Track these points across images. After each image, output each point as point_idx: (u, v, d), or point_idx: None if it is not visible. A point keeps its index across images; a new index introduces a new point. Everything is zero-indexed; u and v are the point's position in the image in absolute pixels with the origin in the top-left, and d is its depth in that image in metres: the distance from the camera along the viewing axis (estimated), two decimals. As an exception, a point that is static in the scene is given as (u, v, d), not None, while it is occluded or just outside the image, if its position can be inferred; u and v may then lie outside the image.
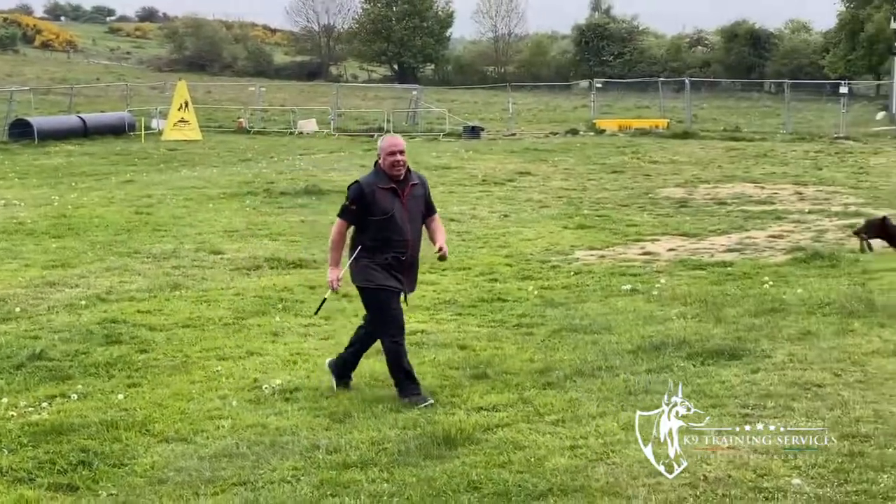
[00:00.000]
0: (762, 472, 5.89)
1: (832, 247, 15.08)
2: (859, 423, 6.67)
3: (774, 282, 12.41)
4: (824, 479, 5.74)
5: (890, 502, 5.35)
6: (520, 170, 26.92)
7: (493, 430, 7.06)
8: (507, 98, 48.11)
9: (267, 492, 6.09)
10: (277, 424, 7.38)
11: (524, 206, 20.63)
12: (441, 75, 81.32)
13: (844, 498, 5.46)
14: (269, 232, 17.06)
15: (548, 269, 14.02)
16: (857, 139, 36.46)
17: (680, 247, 15.92)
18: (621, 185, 24.40)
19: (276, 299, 11.92)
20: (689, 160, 29.72)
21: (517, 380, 8.35)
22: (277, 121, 46.05)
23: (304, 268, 13.98)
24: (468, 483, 5.99)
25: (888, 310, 10.21)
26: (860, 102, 56.48)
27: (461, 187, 23.69)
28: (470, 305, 11.73)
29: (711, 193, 22.43)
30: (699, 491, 5.67)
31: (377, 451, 6.70)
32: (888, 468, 5.77)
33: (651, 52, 77.65)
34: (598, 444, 6.60)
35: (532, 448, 6.61)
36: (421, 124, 44.21)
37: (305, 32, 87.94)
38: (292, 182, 23.16)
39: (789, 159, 29.71)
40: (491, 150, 32.76)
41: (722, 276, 13.24)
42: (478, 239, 16.65)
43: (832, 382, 7.77)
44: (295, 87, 65.63)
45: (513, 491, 5.84)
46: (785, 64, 70.33)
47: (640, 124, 41.76)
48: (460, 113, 48.41)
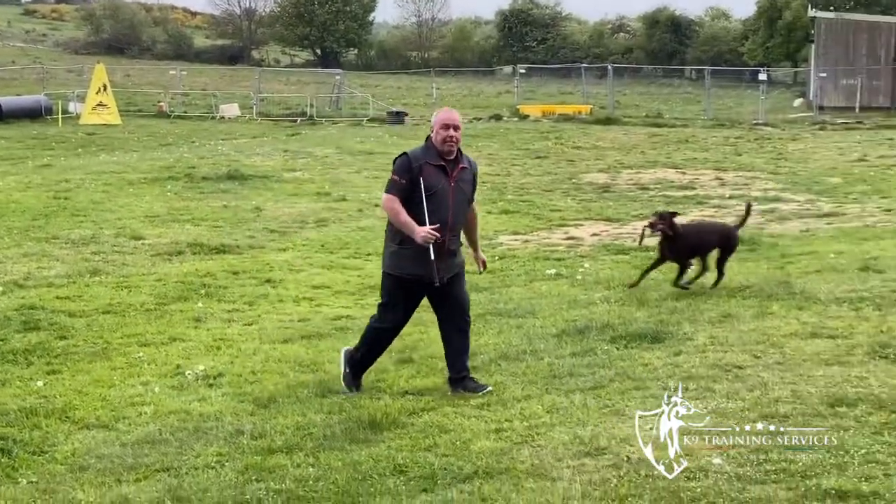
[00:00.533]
0: (683, 451, 5.95)
1: (752, 231, 15.28)
2: (778, 404, 6.77)
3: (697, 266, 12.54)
4: (744, 458, 5.81)
5: (808, 480, 5.44)
6: (444, 155, 26.85)
7: (419, 414, 7.07)
8: (431, 83, 48.16)
9: (191, 478, 6.02)
10: (201, 410, 7.31)
11: (448, 192, 20.60)
12: (364, 60, 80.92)
13: (764, 477, 5.53)
14: (191, 217, 16.88)
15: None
16: (775, 125, 37.04)
17: (603, 231, 16.05)
18: (545, 170, 24.54)
19: (199, 285, 11.80)
20: (612, 146, 29.96)
21: (442, 364, 8.33)
22: (199, 105, 45.54)
23: (227, 253, 13.86)
24: (394, 467, 5.99)
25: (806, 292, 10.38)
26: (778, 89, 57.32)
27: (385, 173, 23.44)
28: (395, 290, 11.68)
29: (634, 179, 22.65)
30: (622, 472, 5.71)
31: (303, 435, 6.67)
32: (806, 447, 5.87)
33: (574, 39, 77.99)
34: (523, 426, 6.63)
35: (457, 431, 6.62)
36: (344, 109, 44.04)
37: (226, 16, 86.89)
38: (214, 167, 22.93)
39: (710, 145, 30.10)
40: (415, 135, 32.66)
41: (645, 260, 13.33)
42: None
43: (752, 364, 7.88)
44: (216, 71, 64.91)
45: (438, 474, 5.85)
46: (705, 51, 71.10)
47: (564, 110, 41.97)
48: (384, 98, 48.29)
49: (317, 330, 9.72)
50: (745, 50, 67.60)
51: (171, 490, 5.84)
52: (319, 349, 9.02)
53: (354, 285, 11.91)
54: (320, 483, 5.83)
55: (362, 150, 27.82)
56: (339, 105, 45.02)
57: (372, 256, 13.77)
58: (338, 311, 10.60)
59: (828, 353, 8.04)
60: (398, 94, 54.32)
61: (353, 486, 5.75)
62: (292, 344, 9.21)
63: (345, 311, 10.54)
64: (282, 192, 20.12)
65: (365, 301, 11.17)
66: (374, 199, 19.15)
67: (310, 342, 9.28)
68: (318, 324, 9.99)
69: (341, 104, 45.16)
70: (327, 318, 10.23)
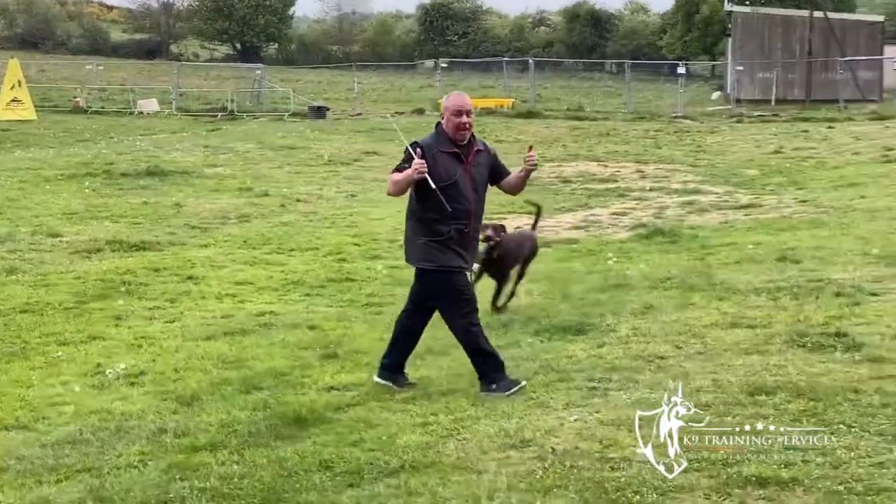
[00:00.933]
0: (608, 442, 6.02)
1: (673, 223, 15.48)
2: (700, 393, 6.88)
3: (618, 258, 12.69)
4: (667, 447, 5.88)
5: (729, 468, 5.53)
6: (366, 150, 26.86)
7: (345, 409, 7.04)
8: (353, 78, 47.91)
9: (113, 478, 5.94)
10: (123, 409, 7.20)
11: (371, 186, 20.59)
12: (285, 55, 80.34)
13: (687, 465, 5.61)
14: (109, 214, 16.62)
15: (396, 248, 14.00)
16: (694, 118, 37.51)
17: (526, 225, 16.08)
18: (467, 164, 24.56)
19: (119, 282, 11.62)
20: (534, 139, 30.03)
21: (367, 359, 8.34)
22: (116, 100, 44.85)
23: (147, 250, 13.66)
24: (320, 462, 5.96)
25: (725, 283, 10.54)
26: (697, 82, 58.12)
27: (308, 167, 23.52)
28: (319, 286, 11.65)
29: (556, 172, 22.80)
30: (548, 463, 5.76)
31: (227, 433, 6.61)
32: (727, 435, 5.96)
33: (495, 32, 78.24)
34: (449, 420, 6.65)
35: (384, 426, 6.62)
36: (265, 104, 43.71)
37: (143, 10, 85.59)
38: (133, 163, 22.60)
39: (630, 138, 30.40)
40: (337, 130, 32.60)
41: (567, 253, 13.48)
42: (325, 219, 16.56)
43: (674, 354, 7.99)
44: (134, 66, 64.01)
45: (365, 469, 5.84)
46: (625, 45, 71.82)
47: (486, 104, 42.05)
48: (305, 93, 48.01)
49: (240, 326, 9.63)
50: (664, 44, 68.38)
51: (93, 490, 5.76)
52: (243, 345, 8.94)
53: (278, 281, 11.82)
54: (245, 480, 5.78)
55: (284, 144, 27.64)
56: (260, 100, 44.68)
57: (295, 252, 13.70)
58: (261, 307, 10.52)
59: (747, 343, 8.18)
60: (319, 89, 54.06)
61: (278, 483, 5.72)
62: (215, 341, 9.12)
63: (268, 308, 10.46)
64: (203, 187, 19.91)
65: (288, 297, 11.10)
66: (296, 194, 19.07)
67: (233, 339, 9.20)
68: (242, 320, 9.90)
69: (262, 99, 44.82)
70: (251, 315, 10.14)
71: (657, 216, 16.47)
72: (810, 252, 12.07)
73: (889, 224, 13.98)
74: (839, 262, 11.37)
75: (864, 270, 10.85)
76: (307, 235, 14.94)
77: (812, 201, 17.19)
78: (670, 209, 17.27)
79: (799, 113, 38.12)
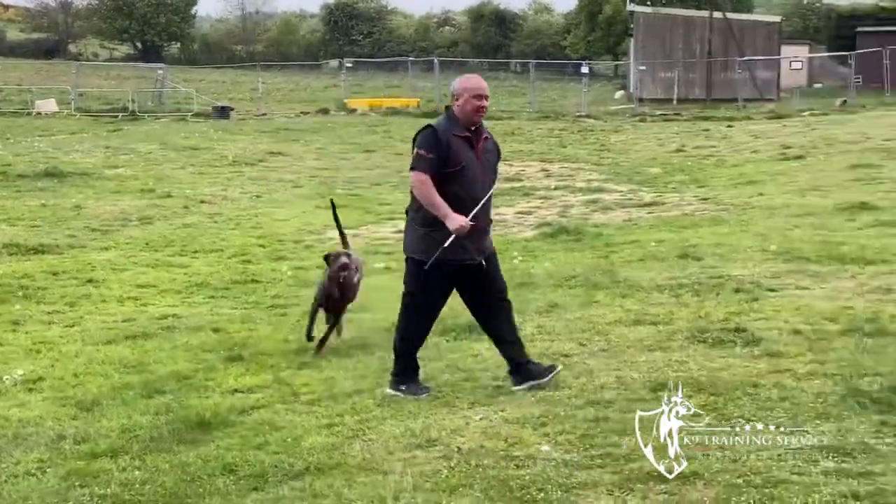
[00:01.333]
0: (513, 440, 6.04)
1: (577, 221, 15.62)
2: (603, 390, 6.95)
3: (523, 257, 12.76)
4: (571, 444, 5.94)
5: (631, 463, 5.58)
6: (271, 150, 26.65)
7: (249, 412, 6.97)
8: (257, 78, 47.51)
9: (10, 486, 5.80)
10: (20, 416, 7.04)
11: (276, 187, 20.46)
12: (187, 54, 79.31)
13: (590, 462, 5.66)
14: (6, 217, 16.24)
15: (301, 248, 13.98)
16: (597, 117, 37.93)
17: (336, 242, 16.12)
18: (374, 164, 24.57)
19: (16, 287, 11.37)
20: (439, 139, 30.12)
21: (272, 361, 8.28)
22: (13, 101, 43.80)
23: (45, 253, 13.39)
24: (224, 466, 5.89)
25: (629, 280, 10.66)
26: (600, 82, 58.77)
27: (212, 168, 23.25)
28: (223, 288, 11.53)
29: (461, 171, 22.82)
30: (453, 462, 5.76)
31: (128, 438, 6.49)
32: (629, 431, 6.02)
33: (400, 32, 78.23)
34: (355, 421, 6.62)
35: (289, 428, 6.56)
36: (168, 104, 43.11)
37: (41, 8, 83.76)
38: (31, 164, 22.13)
39: (535, 137, 30.62)
40: (241, 130, 32.28)
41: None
42: (230, 220, 16.40)
43: (578, 352, 8.06)
44: (31, 66, 62.58)
45: (269, 472, 5.78)
46: (529, 44, 72.33)
47: (391, 103, 42.09)
48: (208, 93, 47.49)
49: (142, 330, 9.49)
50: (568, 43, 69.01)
51: (-10, 500, 5.63)
52: (145, 349, 8.80)
53: (181, 283, 11.67)
54: (147, 486, 5.69)
55: (187, 145, 27.29)
56: (162, 100, 44.07)
57: (199, 254, 13.55)
58: (164, 310, 10.37)
59: (650, 340, 8.28)
60: (223, 89, 53.47)
61: (181, 488, 5.64)
62: (116, 345, 8.97)
63: (171, 310, 10.32)
64: (103, 189, 19.57)
65: (192, 299, 10.96)
66: (199, 196, 18.85)
67: (135, 342, 9.05)
68: (144, 323, 9.75)
69: (164, 99, 44.22)
70: (153, 318, 10.00)
71: (562, 215, 16.60)
72: (711, 249, 12.27)
73: (787, 221, 14.28)
74: (739, 259, 11.57)
75: (763, 266, 11.06)
76: (211, 237, 14.78)
77: (713, 199, 17.49)
78: (575, 208, 17.43)
79: (700, 112, 38.78)
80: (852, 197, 15.98)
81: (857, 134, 26.68)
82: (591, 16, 66.96)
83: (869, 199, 15.49)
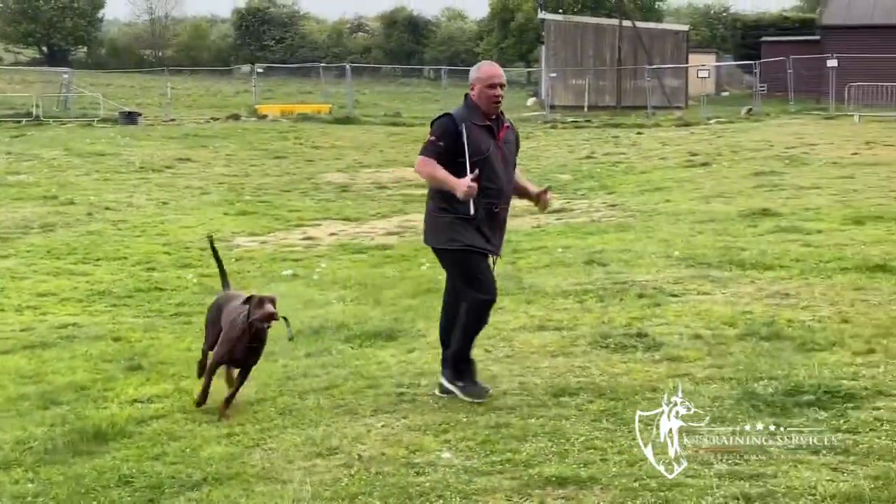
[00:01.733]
0: (414, 448, 6.04)
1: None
2: (506, 396, 6.98)
3: (431, 264, 12.73)
4: (472, 450, 5.95)
5: (531, 469, 5.61)
6: (179, 156, 26.37)
7: (148, 422, 6.86)
8: (166, 83, 46.95)
9: None
10: None
11: (184, 193, 20.23)
12: (95, 59, 78.07)
13: (489, 468, 5.68)
14: None
15: (208, 256, 13.72)
16: (509, 124, 38.04)
17: (341, 231, 16.10)
18: (283, 170, 24.44)
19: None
20: (352, 145, 30.14)
21: (174, 370, 8.17)
22: (-87, 105, 42.82)
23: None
24: (119, 478, 5.79)
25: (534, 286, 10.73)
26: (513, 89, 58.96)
27: (117, 174, 22.92)
28: (126, 296, 11.37)
29: (373, 178, 22.84)
30: (353, 470, 5.74)
31: (22, 450, 6.34)
32: (530, 437, 6.06)
33: (313, 38, 77.87)
34: (255, 430, 6.56)
35: (188, 438, 6.48)
36: (73, 109, 42.39)
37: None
38: (-70, 170, 21.64)
39: (447, 144, 30.62)
40: (149, 136, 31.88)
41: (381, 258, 13.50)
42: (135, 228, 16.16)
43: (483, 358, 8.05)
44: (-66, 70, 61.27)
45: (166, 483, 5.70)
46: (443, 51, 72.50)
47: (303, 109, 41.88)
48: (116, 98, 46.80)
49: (41, 339, 9.30)
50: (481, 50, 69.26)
51: None
52: (43, 359, 8.63)
53: (82, 292, 11.48)
54: (40, 499, 5.58)
55: (92, 151, 26.88)
56: (68, 105, 43.32)
57: (102, 262, 13.33)
58: (64, 318, 10.19)
59: (554, 345, 8.33)
60: (131, 94, 52.74)
61: (74, 501, 5.53)
62: (13, 355, 8.78)
63: (72, 319, 10.14)
64: (4, 196, 19.18)
65: (93, 308, 10.78)
66: (104, 203, 18.56)
67: (33, 352, 8.87)
68: (43, 333, 9.57)
69: (70, 104, 43.47)
70: (53, 327, 9.81)
71: (471, 221, 16.62)
72: (617, 255, 12.39)
73: (691, 227, 14.49)
74: (643, 265, 11.71)
75: (666, 272, 11.21)
76: (115, 244, 14.56)
77: (621, 205, 17.69)
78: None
79: (610, 119, 39.24)
80: (754, 203, 16.29)
81: (761, 142, 27.24)
82: (503, 23, 67.36)
83: (770, 206, 15.80)
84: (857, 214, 14.83)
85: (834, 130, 30.62)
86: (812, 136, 28.60)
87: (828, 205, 16.06)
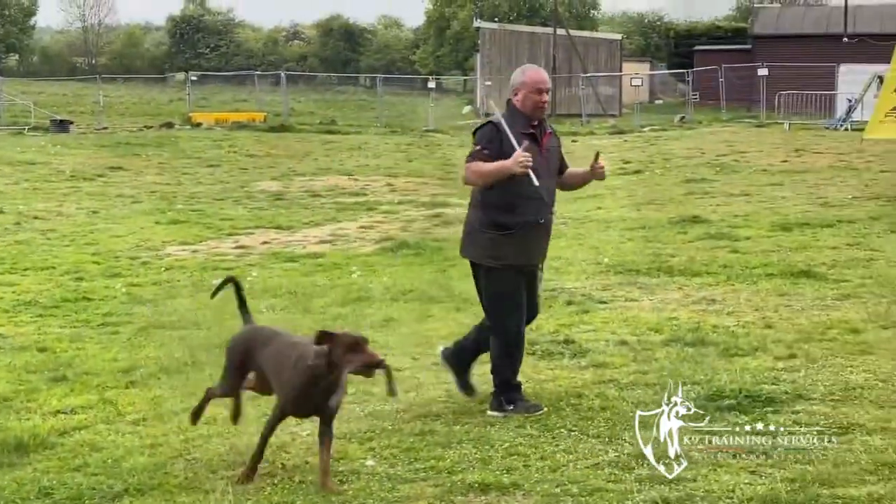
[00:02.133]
0: (339, 456, 6.03)
1: (419, 236, 15.70)
2: (432, 404, 7.01)
3: (363, 272, 12.76)
4: (396, 458, 5.97)
5: (454, 475, 5.64)
6: (111, 164, 26.09)
7: (70, 433, 6.78)
8: (98, 91, 46.48)
9: None
10: None
11: (115, 202, 20.01)
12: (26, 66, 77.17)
13: (413, 475, 5.70)
14: None
15: (138, 265, 13.69)
16: (445, 132, 38.23)
17: (274, 239, 16.02)
18: (217, 178, 24.29)
19: None
20: (286, 153, 30.03)
21: (99, 380, 8.08)
22: None
23: None
24: (39, 490, 5.72)
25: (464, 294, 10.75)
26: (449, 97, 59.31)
27: (47, 183, 22.62)
28: (53, 306, 11.21)
29: (306, 186, 22.77)
30: (277, 479, 5.73)
31: (-60, 464, 6.26)
32: (454, 444, 6.09)
33: (248, 46, 77.66)
34: (179, 440, 6.52)
35: (110, 449, 6.42)
36: (4, 118, 41.81)
37: None
38: None
39: (382, 152, 30.70)
40: (81, 144, 31.52)
41: (313, 267, 13.46)
42: (64, 237, 15.95)
43: (410, 366, 8.10)
44: None
45: (86, 494, 5.64)
46: (379, 59, 72.64)
47: (238, 118, 41.66)
48: (47, 106, 46.22)
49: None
50: (417, 58, 69.50)
51: None
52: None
53: (8, 302, 11.30)
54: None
55: (22, 160, 26.51)
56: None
57: (29, 272, 13.14)
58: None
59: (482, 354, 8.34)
60: (64, 102, 52.11)
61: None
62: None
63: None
64: (-69, 205, 18.86)
65: (18, 318, 10.61)
66: (33, 212, 18.32)
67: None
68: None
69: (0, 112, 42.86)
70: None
71: (404, 229, 16.67)
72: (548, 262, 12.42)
73: (621, 234, 14.63)
74: (573, 272, 11.80)
75: (595, 279, 11.31)
76: (43, 254, 14.36)
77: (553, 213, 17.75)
78: (417, 222, 17.52)
79: (544, 127, 39.38)
80: (685, 210, 16.49)
81: (693, 149, 27.58)
82: (439, 31, 67.63)
83: (700, 213, 16.01)
84: (785, 221, 15.08)
85: (764, 138, 31.08)
86: (743, 143, 29.01)
87: (756, 211, 16.31)
